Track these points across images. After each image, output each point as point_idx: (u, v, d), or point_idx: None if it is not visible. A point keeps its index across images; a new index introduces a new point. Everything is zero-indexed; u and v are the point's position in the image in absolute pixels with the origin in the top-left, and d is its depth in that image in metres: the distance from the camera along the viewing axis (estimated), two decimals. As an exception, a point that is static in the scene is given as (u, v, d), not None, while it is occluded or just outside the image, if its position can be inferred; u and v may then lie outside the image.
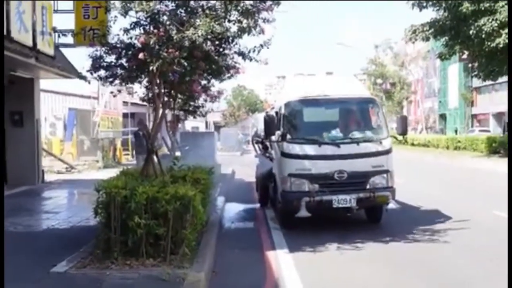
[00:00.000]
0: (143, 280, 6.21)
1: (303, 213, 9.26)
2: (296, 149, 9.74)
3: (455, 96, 63.85)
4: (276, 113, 10.61)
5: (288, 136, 9.87)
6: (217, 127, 60.66)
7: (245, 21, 8.16)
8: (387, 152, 9.95)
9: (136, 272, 6.50)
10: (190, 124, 39.99)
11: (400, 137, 10.66)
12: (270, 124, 9.99)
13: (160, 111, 8.88)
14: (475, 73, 29.72)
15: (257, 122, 13.81)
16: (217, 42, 8.34)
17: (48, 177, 18.95)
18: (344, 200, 9.39)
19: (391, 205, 9.60)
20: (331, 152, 9.63)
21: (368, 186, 9.57)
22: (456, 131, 56.84)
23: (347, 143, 9.83)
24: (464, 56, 37.57)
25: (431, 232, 9.56)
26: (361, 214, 10.58)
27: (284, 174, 9.68)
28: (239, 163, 28.29)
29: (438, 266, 7.53)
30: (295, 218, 9.43)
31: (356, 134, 10.13)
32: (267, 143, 11.65)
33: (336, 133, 10.05)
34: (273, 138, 10.27)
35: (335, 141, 9.77)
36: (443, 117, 68.36)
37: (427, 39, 27.78)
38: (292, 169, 9.60)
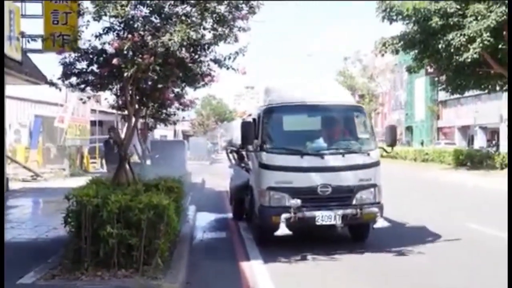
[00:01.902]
0: (115, 292, 6.03)
1: (283, 230, 8.44)
2: (276, 160, 8.92)
3: (421, 109, 64.92)
4: (254, 120, 9.85)
5: (267, 146, 9.10)
6: (186, 136, 60.36)
7: (220, 28, 8.10)
8: (375, 164, 9.25)
9: (108, 283, 6.30)
10: (158, 132, 39.61)
11: (389, 149, 9.63)
12: (247, 132, 9.17)
13: (133, 119, 8.72)
14: (443, 86, 30.26)
15: (232, 130, 13.16)
16: (192, 49, 8.23)
17: (13, 185, 18.47)
18: (328, 217, 8.67)
19: (380, 223, 8.85)
20: (314, 163, 8.89)
21: (354, 202, 8.85)
22: (422, 143, 57.72)
23: (332, 154, 9.11)
24: (431, 70, 38.35)
25: (408, 245, 9.30)
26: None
27: (262, 187, 8.91)
28: (209, 172, 28.15)
29: (418, 277, 7.52)
30: (273, 236, 8.62)
31: (342, 145, 9.52)
32: (244, 153, 10.82)
33: (319, 143, 9.38)
34: (250, 147, 9.44)
35: (318, 152, 9.05)
36: (409, 129, 69.37)
37: (397, 52, 28.17)
38: (271, 182, 8.82)
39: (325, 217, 8.68)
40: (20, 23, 15.39)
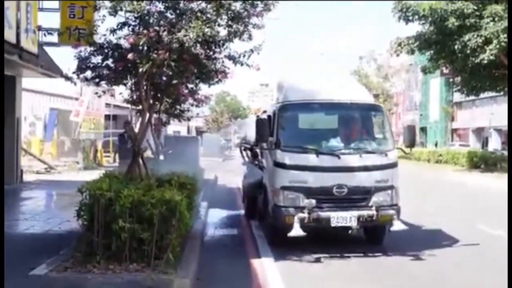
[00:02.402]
0: (127, 286, 6.05)
1: (297, 231, 8.19)
2: (291, 158, 8.70)
3: (436, 110, 64.51)
4: (269, 117, 9.53)
5: (282, 144, 8.84)
6: (199, 132, 60.42)
7: (235, 25, 8.09)
8: (393, 165, 8.98)
9: (119, 277, 6.33)
10: (171, 128, 39.75)
11: (407, 150, 9.46)
12: (262, 130, 8.96)
13: (147, 114, 8.75)
14: (458, 87, 30.07)
15: (246, 127, 13.02)
16: (206, 46, 8.23)
17: (27, 177, 18.62)
18: (344, 218, 8.41)
19: (397, 226, 8.57)
20: (330, 163, 8.65)
21: (370, 203, 8.56)
22: (436, 145, 57.37)
23: (348, 154, 8.88)
24: (446, 71, 38.11)
25: (424, 248, 9.00)
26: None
27: (276, 186, 8.68)
28: (221, 169, 28.16)
29: (434, 283, 7.40)
30: (286, 237, 8.38)
31: (359, 144, 9.26)
32: (258, 151, 10.54)
33: (336, 142, 9.14)
34: (265, 145, 9.22)
35: (334, 151, 8.80)
36: (423, 130, 68.98)
37: (412, 52, 28.04)
38: (285, 181, 8.60)
39: (340, 218, 8.42)
40: (37, 16, 15.53)
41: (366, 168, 8.74)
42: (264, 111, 11.23)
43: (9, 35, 13.33)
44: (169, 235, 6.82)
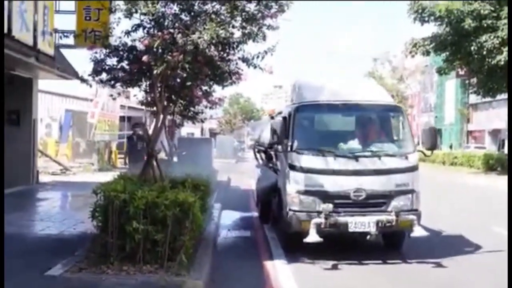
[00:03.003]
0: (140, 287, 6.09)
1: (313, 237, 7.91)
2: (307, 161, 8.41)
3: (451, 112, 64.04)
4: (285, 118, 9.25)
5: (298, 146, 8.56)
6: (213, 134, 60.59)
7: (249, 27, 8.09)
8: (413, 168, 8.67)
9: (133, 278, 6.37)
10: (185, 130, 39.88)
11: (428, 152, 9.06)
12: (277, 131, 8.78)
13: (161, 115, 8.79)
14: (474, 89, 29.83)
15: (260, 129, 12.90)
16: (221, 47, 8.25)
17: (43, 178, 18.80)
18: (362, 224, 8.12)
19: (418, 232, 8.25)
20: (348, 166, 8.38)
21: (390, 208, 8.26)
22: (451, 147, 56.95)
23: (367, 156, 8.57)
24: (462, 72, 37.84)
25: (446, 255, 8.66)
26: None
27: (292, 190, 8.42)
28: (234, 170, 28.19)
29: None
30: (302, 242, 8.12)
31: (377, 147, 8.92)
32: (272, 153, 10.32)
33: (354, 144, 8.82)
34: (280, 147, 9.02)
35: (352, 154, 8.51)
36: (438, 132, 68.50)
37: (427, 53, 27.88)
38: (301, 185, 8.33)
39: (358, 223, 8.13)
40: (53, 18, 15.67)
41: (385, 172, 8.46)
42: (279, 112, 10.96)
43: (26, 37, 13.48)
44: (183, 236, 6.85)
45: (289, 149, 8.65)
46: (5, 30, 12.26)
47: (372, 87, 10.40)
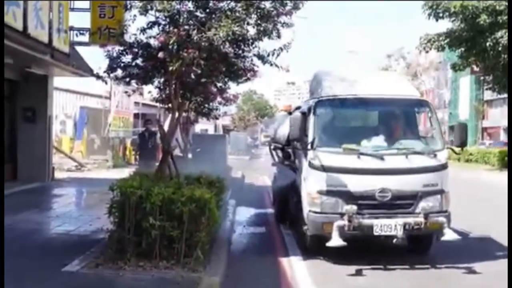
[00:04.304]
0: (157, 283, 6.13)
1: (336, 241, 7.43)
2: (329, 159, 7.90)
3: (465, 108, 63.59)
4: (304, 114, 8.61)
5: (319, 143, 8.03)
6: (226, 130, 60.62)
7: (264, 24, 8.09)
8: (443, 167, 8.08)
9: (150, 274, 6.42)
10: (199, 126, 39.98)
11: (458, 150, 8.62)
12: (296, 128, 8.20)
13: (176, 112, 8.82)
14: (489, 86, 29.60)
15: (276, 126, 12.60)
16: (236, 44, 8.25)
17: (58, 175, 18.92)
18: (388, 226, 7.60)
19: (449, 235, 7.72)
20: (373, 165, 7.85)
21: (417, 210, 7.77)
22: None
23: (393, 154, 8.04)
24: (477, 69, 37.54)
25: (477, 260, 8.08)
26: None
27: (312, 190, 7.92)
28: (248, 167, 28.27)
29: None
30: (324, 246, 7.66)
31: (404, 144, 8.37)
32: (290, 150, 9.91)
33: (379, 141, 8.30)
34: (299, 145, 8.56)
35: (377, 152, 7.98)
36: (453, 129, 67.99)
37: (442, 49, 27.69)
38: (323, 185, 7.82)
39: (384, 226, 7.62)
40: (68, 16, 15.75)
41: (412, 171, 7.95)
42: (297, 108, 10.43)
43: (42, 35, 13.56)
44: (199, 232, 6.88)
45: (309, 146, 8.13)
46: (21, 28, 12.36)
47: (397, 80, 9.93)
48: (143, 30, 8.20)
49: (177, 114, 8.86)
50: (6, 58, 13.33)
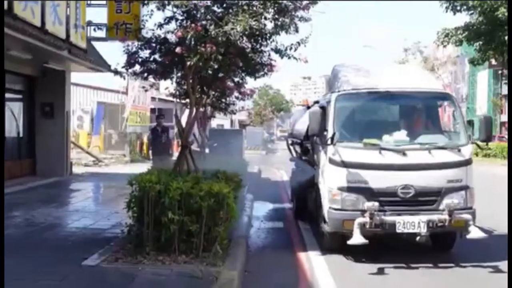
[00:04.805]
0: (176, 277, 6.14)
1: (358, 239, 7.27)
2: (349, 155, 7.72)
3: (483, 103, 62.93)
4: (323, 108, 8.46)
5: (339, 138, 7.81)
6: (242, 125, 60.67)
7: (281, 18, 8.06)
8: (467, 162, 7.86)
9: (169, 268, 6.43)
10: (215, 121, 40.07)
11: (483, 145, 8.41)
12: (315, 123, 8.02)
13: (194, 107, 8.83)
14: (508, 79, 29.26)
15: (293, 121, 12.50)
16: (253, 39, 8.23)
17: (76, 170, 19.08)
18: (411, 224, 7.40)
19: (475, 233, 7.49)
20: (395, 160, 7.64)
21: (441, 207, 7.56)
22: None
23: (416, 149, 7.83)
24: (495, 63, 37.15)
25: (500, 256, 7.73)
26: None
27: (332, 186, 7.76)
28: (265, 162, 28.28)
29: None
30: (345, 244, 7.55)
31: (427, 139, 8.15)
32: (308, 145, 9.71)
33: (401, 136, 8.06)
34: (319, 140, 8.38)
35: (399, 147, 7.76)
36: (470, 123, 67.31)
37: (460, 43, 27.45)
38: (343, 181, 7.65)
39: (407, 223, 7.42)
40: (85, 12, 15.87)
41: (436, 166, 7.71)
42: (316, 102, 10.21)
43: (59, 31, 13.68)
44: (217, 227, 6.90)
45: (328, 141, 7.87)
46: (39, 24, 12.47)
47: (418, 73, 9.65)
48: (160, 25, 8.21)
49: (194, 109, 8.88)
50: (24, 54, 13.48)
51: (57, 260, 6.89)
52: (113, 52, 10.43)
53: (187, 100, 10.25)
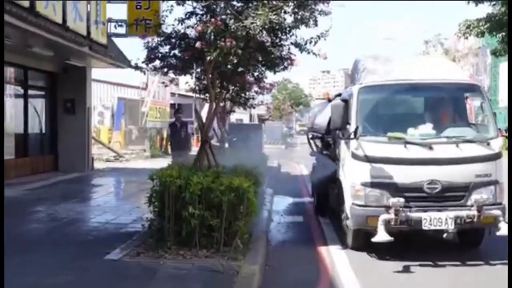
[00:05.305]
0: (197, 271, 6.16)
1: (382, 236, 7.06)
2: (373, 149, 7.49)
3: (506, 95, 62.11)
4: (345, 101, 8.24)
5: (362, 132, 7.62)
6: (261, 120, 60.65)
7: (301, 12, 8.01)
8: (496, 156, 7.56)
9: (190, 262, 6.46)
10: (234, 116, 40.15)
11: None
12: (337, 116, 7.88)
13: (214, 102, 8.85)
14: (531, 71, 28.76)
15: (314, 114, 12.33)
16: (273, 33, 8.20)
17: (97, 165, 19.25)
18: (438, 220, 7.15)
19: (505, 229, 7.20)
20: (421, 155, 7.39)
21: (469, 202, 7.31)
22: (506, 131, 55.21)
23: (442, 143, 7.54)
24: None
25: None
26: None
27: (356, 182, 7.54)
28: (284, 156, 28.24)
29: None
30: (368, 242, 7.37)
31: (454, 132, 7.86)
32: (330, 139, 9.57)
33: (427, 129, 7.77)
34: (341, 133, 8.21)
35: (425, 140, 7.49)
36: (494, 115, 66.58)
37: (482, 34, 26.98)
38: (367, 176, 7.43)
39: (434, 220, 7.17)
40: (106, 8, 15.97)
41: (464, 160, 7.42)
42: (338, 95, 9.96)
43: (80, 27, 13.80)
44: (237, 221, 6.91)
45: (351, 135, 7.68)
46: (60, 21, 12.58)
47: (444, 64, 9.38)
48: (181, 21, 8.23)
49: (214, 104, 8.90)
50: (46, 51, 13.62)
51: (79, 255, 6.96)
52: (133, 48, 10.47)
53: (207, 95, 10.29)
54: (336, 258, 7.57)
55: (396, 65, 8.69)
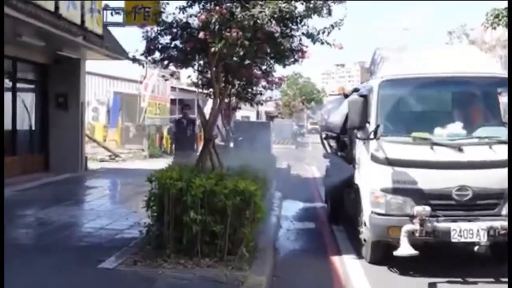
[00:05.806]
0: (199, 282, 6.16)
1: (406, 249, 6.82)
2: (395, 151, 7.26)
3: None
4: (364, 97, 7.94)
5: (383, 132, 7.41)
6: (269, 117, 60.64)
7: (313, 0, 7.98)
8: None
9: (191, 272, 6.45)
10: (240, 113, 40.13)
11: None
12: (356, 114, 7.62)
13: (218, 98, 8.82)
14: None
15: (327, 112, 12.14)
16: (282, 23, 8.17)
17: (91, 165, 19.29)
18: (469, 232, 6.85)
19: None
20: (449, 157, 7.15)
21: (504, 211, 7.01)
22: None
23: (474, 144, 7.29)
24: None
25: None
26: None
27: (375, 187, 7.30)
28: (294, 157, 28.21)
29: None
30: (390, 255, 7.12)
31: (486, 132, 7.56)
32: (346, 140, 9.43)
33: (456, 129, 7.48)
34: (360, 133, 8.00)
35: (454, 142, 7.24)
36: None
37: (511, 24, 26.90)
38: (388, 181, 7.18)
39: (464, 231, 6.86)
40: (101, -5, 15.98)
41: (498, 164, 7.10)
42: (355, 90, 9.54)
43: (74, 15, 13.77)
44: (243, 228, 6.88)
45: (371, 135, 7.48)
46: (52, 9, 12.57)
47: (475, 55, 8.99)
48: (182, 9, 8.20)
49: (218, 100, 8.88)
50: (37, 40, 13.63)
51: (71, 263, 6.97)
52: (132, 38, 10.41)
53: (210, 90, 10.26)
54: (351, 269, 7.53)
55: (420, 56, 8.44)
